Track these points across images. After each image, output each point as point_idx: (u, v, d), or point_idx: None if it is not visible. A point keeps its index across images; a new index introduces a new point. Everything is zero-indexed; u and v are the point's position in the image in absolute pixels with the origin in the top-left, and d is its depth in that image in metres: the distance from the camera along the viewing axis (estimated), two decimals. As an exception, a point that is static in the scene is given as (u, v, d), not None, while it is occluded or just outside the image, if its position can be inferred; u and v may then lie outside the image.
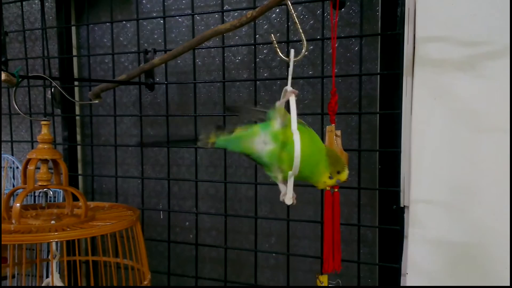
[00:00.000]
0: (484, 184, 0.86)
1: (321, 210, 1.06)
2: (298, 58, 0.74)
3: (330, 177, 0.72)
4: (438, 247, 0.89)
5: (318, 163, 0.71)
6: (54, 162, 0.91)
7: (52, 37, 1.43)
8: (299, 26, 0.75)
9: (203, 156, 1.30)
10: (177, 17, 1.30)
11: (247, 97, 1.24)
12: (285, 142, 0.69)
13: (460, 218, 0.88)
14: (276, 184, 1.14)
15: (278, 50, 0.75)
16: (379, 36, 1.06)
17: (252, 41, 1.15)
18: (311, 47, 1.16)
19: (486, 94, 0.85)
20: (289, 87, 0.71)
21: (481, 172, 0.86)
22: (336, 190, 0.89)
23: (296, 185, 1.14)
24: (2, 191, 1.27)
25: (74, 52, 1.42)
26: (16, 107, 0.89)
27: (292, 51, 0.74)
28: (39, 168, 0.89)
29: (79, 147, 1.45)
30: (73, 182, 1.40)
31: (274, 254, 1.25)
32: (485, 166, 0.86)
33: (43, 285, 1.00)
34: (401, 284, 0.93)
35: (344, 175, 0.72)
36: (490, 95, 0.85)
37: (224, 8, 1.20)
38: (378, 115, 1.09)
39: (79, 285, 1.11)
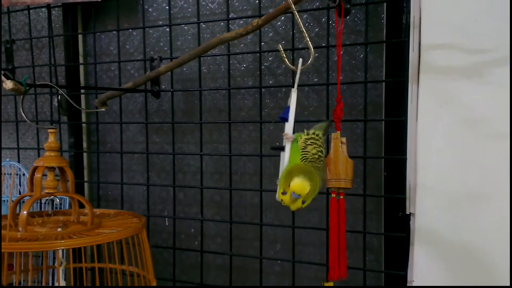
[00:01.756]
0: (490, 191, 0.86)
1: (327, 217, 1.06)
2: (305, 66, 0.75)
3: (283, 193, 0.68)
4: (445, 254, 0.89)
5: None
6: (61, 169, 0.92)
7: (59, 45, 1.44)
8: (306, 34, 0.75)
9: (208, 163, 1.30)
10: (183, 25, 1.31)
11: (252, 104, 1.24)
12: None
13: (467, 225, 0.87)
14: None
15: (286, 60, 0.76)
16: (384, 44, 1.07)
17: (258, 49, 1.16)
18: (316, 54, 1.16)
19: (491, 101, 0.85)
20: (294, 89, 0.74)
21: (487, 178, 0.86)
22: (341, 197, 0.89)
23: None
24: (9, 199, 1.27)
25: (81, 60, 1.43)
26: (23, 114, 0.90)
27: (300, 60, 0.74)
28: (45, 176, 0.90)
29: (85, 154, 1.45)
30: (79, 189, 1.40)
31: (279, 261, 1.25)
32: (491, 173, 0.86)
33: (49, 292, 1.00)
34: (407, 292, 0.93)
35: (295, 186, 0.66)
36: (495, 102, 0.85)
37: (230, 16, 1.20)
38: (383, 122, 1.09)
39: (85, 292, 1.11)
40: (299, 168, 0.68)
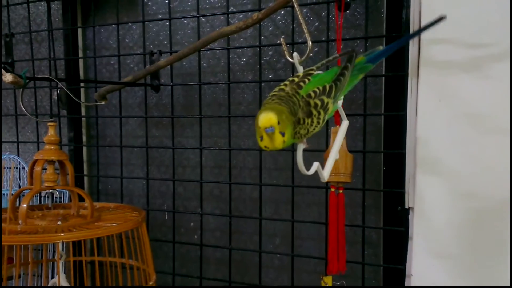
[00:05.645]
0: (490, 185, 0.85)
1: (326, 211, 1.06)
2: (303, 59, 0.75)
3: (261, 139, 0.66)
4: (443, 249, 0.89)
5: None
6: (61, 163, 0.92)
7: (58, 38, 1.43)
8: (305, 27, 0.75)
9: (208, 157, 1.30)
10: (182, 19, 1.30)
11: (252, 98, 1.24)
12: None
13: (465, 220, 0.87)
14: (280, 186, 1.15)
15: (287, 54, 0.75)
16: (384, 38, 1.06)
17: (257, 43, 1.16)
18: (316, 48, 1.16)
19: (491, 96, 0.85)
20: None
21: (487, 173, 0.86)
22: (341, 191, 0.90)
23: (300, 186, 1.15)
24: (9, 192, 1.27)
25: (80, 54, 1.43)
26: (23, 108, 0.89)
27: (295, 54, 0.74)
28: (45, 169, 0.89)
29: (84, 148, 1.45)
30: (78, 182, 1.40)
31: (278, 255, 1.25)
32: (491, 167, 0.85)
33: (49, 285, 1.00)
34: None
35: (261, 121, 0.63)
36: (495, 97, 0.84)
37: (230, 10, 1.20)
38: (383, 116, 1.09)
39: (85, 285, 1.11)
40: (260, 111, 0.66)
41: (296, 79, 0.68)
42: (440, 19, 0.70)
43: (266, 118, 0.62)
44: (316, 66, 0.70)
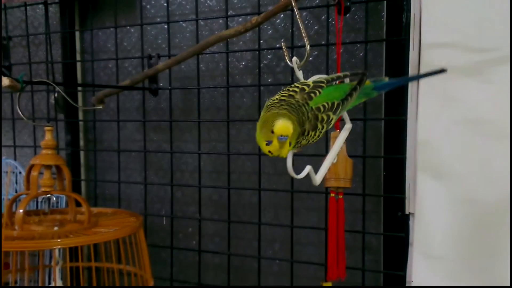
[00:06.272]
0: (491, 191, 0.85)
1: (325, 217, 1.05)
2: (301, 63, 0.74)
3: (268, 143, 0.63)
4: (444, 255, 0.88)
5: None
6: (58, 167, 0.91)
7: (55, 42, 1.43)
8: (304, 31, 0.74)
9: (206, 161, 1.29)
10: (181, 23, 1.30)
11: (251, 102, 1.23)
12: None
13: (466, 226, 0.87)
14: (279, 191, 1.15)
15: (287, 58, 0.75)
16: (384, 42, 1.06)
17: (257, 47, 1.15)
18: (316, 52, 1.16)
19: (493, 100, 0.84)
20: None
21: (487, 179, 0.85)
22: (340, 196, 0.89)
23: (300, 191, 1.14)
24: (6, 197, 1.26)
25: (78, 57, 1.42)
26: (19, 112, 0.89)
27: (294, 59, 0.74)
28: (42, 174, 0.89)
29: (82, 152, 1.44)
30: (76, 187, 1.39)
31: (277, 261, 1.24)
32: (492, 173, 0.85)
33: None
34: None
35: (280, 128, 0.61)
36: (497, 101, 0.84)
37: (229, 13, 1.19)
38: (383, 121, 1.08)
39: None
40: (273, 114, 0.64)
41: (306, 89, 0.68)
42: (442, 70, 0.71)
43: (284, 127, 0.61)
44: (326, 79, 0.70)
